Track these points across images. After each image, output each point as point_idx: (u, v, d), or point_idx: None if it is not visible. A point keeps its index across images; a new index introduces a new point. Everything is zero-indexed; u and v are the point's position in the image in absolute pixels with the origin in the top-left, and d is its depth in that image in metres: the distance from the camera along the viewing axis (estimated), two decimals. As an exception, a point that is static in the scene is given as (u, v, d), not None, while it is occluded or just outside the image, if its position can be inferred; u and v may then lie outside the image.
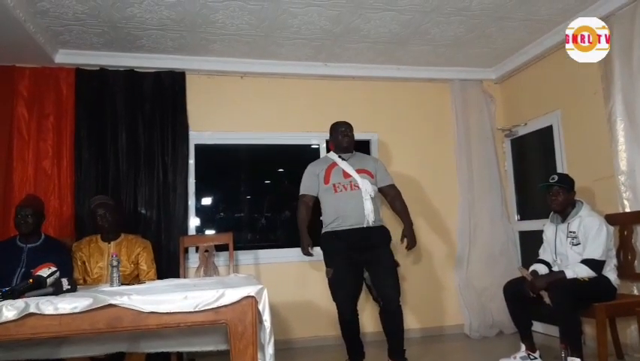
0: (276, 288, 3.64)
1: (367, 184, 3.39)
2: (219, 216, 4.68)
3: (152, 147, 4.00)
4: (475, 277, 4.45)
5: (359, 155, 3.68)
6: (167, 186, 3.99)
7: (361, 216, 3.31)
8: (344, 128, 3.59)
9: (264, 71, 4.32)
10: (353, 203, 3.34)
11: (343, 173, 3.44)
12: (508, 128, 4.70)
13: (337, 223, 3.36)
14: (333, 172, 3.47)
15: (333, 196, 3.40)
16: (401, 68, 4.54)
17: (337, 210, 3.36)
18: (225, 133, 4.31)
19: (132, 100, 4.02)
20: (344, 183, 3.40)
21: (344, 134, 3.57)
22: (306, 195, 3.55)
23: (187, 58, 4.12)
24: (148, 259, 3.40)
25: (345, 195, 3.36)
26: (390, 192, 3.62)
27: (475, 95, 4.72)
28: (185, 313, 2.16)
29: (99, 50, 3.91)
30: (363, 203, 3.33)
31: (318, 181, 3.51)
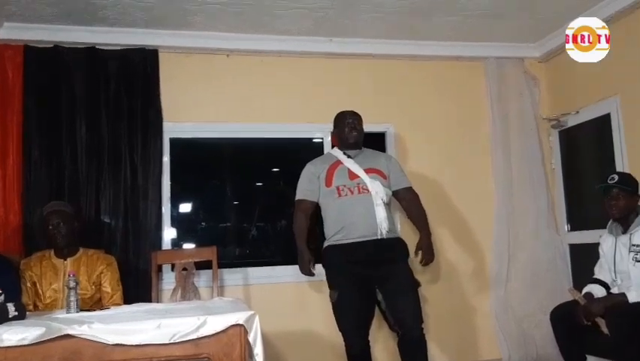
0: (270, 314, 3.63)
1: (379, 186, 3.38)
2: (200, 226, 4.68)
3: (118, 142, 4.01)
4: (515, 301, 4.44)
5: (368, 151, 3.67)
6: (137, 189, 4.00)
7: (372, 225, 3.31)
8: (351, 119, 3.58)
9: (256, 48, 4.33)
10: (361, 210, 3.32)
11: (349, 173, 3.43)
12: (555, 118, 4.69)
13: (342, 235, 3.35)
14: (337, 172, 3.46)
15: (337, 202, 3.39)
16: (423, 43, 4.53)
17: (342, 218, 3.36)
18: (208, 124, 4.32)
19: (94, 85, 4.02)
20: (350, 186, 3.39)
21: (351, 126, 3.55)
22: (303, 200, 3.54)
23: (161, 32, 4.13)
24: (113, 280, 3.39)
25: (352, 201, 3.36)
26: (407, 196, 3.62)
27: (514, 76, 4.71)
28: (159, 345, 2.15)
29: (53, 24, 3.92)
30: (374, 210, 3.32)
31: (318, 183, 3.51)
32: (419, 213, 3.60)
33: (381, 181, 3.41)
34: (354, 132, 3.54)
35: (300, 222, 3.51)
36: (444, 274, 4.46)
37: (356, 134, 3.55)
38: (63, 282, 3.15)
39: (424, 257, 3.49)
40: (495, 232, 4.53)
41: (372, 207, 3.31)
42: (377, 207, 3.31)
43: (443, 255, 4.42)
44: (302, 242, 3.49)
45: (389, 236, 3.33)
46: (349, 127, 3.54)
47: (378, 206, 3.32)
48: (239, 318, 2.24)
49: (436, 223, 4.22)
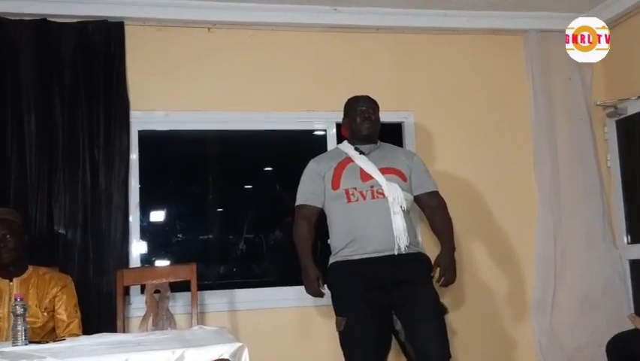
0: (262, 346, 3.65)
1: (397, 190, 3.36)
2: (176, 239, 4.69)
3: (75, 135, 4.01)
4: (563, 330, 4.44)
5: (386, 146, 3.68)
6: (98, 193, 4.00)
7: (388, 238, 3.30)
8: (364, 106, 3.57)
9: (243, 20, 4.35)
10: (376, 219, 3.32)
11: (361, 173, 3.42)
12: (612, 105, 4.68)
13: (352, 249, 3.35)
14: (347, 172, 3.45)
15: (346, 208, 3.39)
16: (449, 13, 4.55)
17: (352, 229, 3.35)
18: (184, 113, 4.33)
19: (45, 64, 4.03)
20: (362, 189, 3.37)
21: (364, 115, 3.54)
22: (305, 206, 3.55)
23: (127, 1, 4.14)
24: (69, 305, 3.38)
25: (364, 207, 3.35)
26: (431, 202, 3.62)
27: (561, 53, 4.67)
28: (126, 385, 2.16)
29: (-6, -10, 3.94)
30: (390, 219, 3.31)
31: (323, 185, 3.51)
32: (443, 224, 3.59)
33: (400, 184, 3.40)
34: (368, 123, 3.53)
35: (302, 231, 3.50)
36: (474, 298, 4.45)
37: (370, 125, 3.53)
38: (8, 308, 3.15)
39: (442, 275, 3.45)
40: (538, 246, 4.54)
41: (389, 216, 3.30)
42: (395, 216, 3.30)
43: (473, 274, 4.41)
44: (306, 256, 3.47)
45: (409, 251, 3.32)
46: (362, 116, 3.52)
47: (396, 215, 3.30)
48: (224, 351, 2.24)
49: (464, 236, 4.22)
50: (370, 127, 3.53)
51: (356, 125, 3.55)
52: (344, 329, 3.25)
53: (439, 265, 3.45)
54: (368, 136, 3.55)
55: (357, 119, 3.54)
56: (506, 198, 4.63)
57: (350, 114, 3.60)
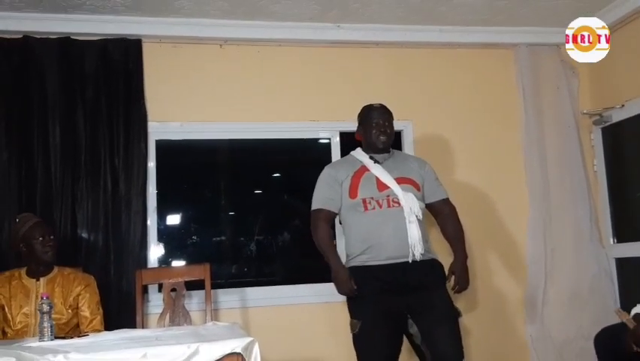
0: (272, 341, 3.66)
1: (413, 200, 3.31)
2: (191, 241, 4.69)
3: (97, 145, 4.03)
4: (554, 325, 4.43)
5: (399, 155, 3.65)
6: (119, 199, 4.01)
7: (403, 246, 3.25)
8: (380, 119, 3.49)
9: (253, 36, 4.36)
10: (392, 227, 3.27)
11: (377, 183, 3.36)
12: (597, 113, 4.68)
13: (369, 256, 3.29)
14: (363, 181, 3.39)
15: (363, 216, 3.33)
16: (445, 29, 4.55)
17: (369, 236, 3.30)
18: (199, 124, 4.33)
19: (69, 79, 4.05)
20: (378, 198, 3.32)
21: (380, 129, 3.46)
22: (323, 210, 3.49)
23: (145, 20, 4.16)
24: (92, 302, 3.40)
25: (380, 215, 3.30)
26: (443, 209, 3.59)
27: (549, 65, 4.71)
28: (145, 377, 2.17)
29: (22, 11, 3.95)
30: (406, 227, 3.26)
31: (340, 192, 3.45)
32: (456, 231, 3.56)
33: (414, 193, 3.35)
34: (384, 136, 3.45)
35: (323, 233, 3.44)
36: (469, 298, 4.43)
37: (385, 139, 3.47)
38: (35, 305, 3.17)
39: (457, 283, 3.42)
40: (529, 247, 4.53)
41: (404, 225, 3.25)
42: (410, 225, 3.24)
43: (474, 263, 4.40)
44: (334, 258, 3.41)
45: (423, 258, 3.27)
46: (378, 130, 3.44)
47: (412, 223, 3.24)
48: (236, 346, 2.24)
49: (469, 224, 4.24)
50: (386, 140, 3.46)
51: (372, 138, 3.47)
52: (358, 331, 3.21)
53: (454, 273, 3.42)
54: (383, 149, 3.49)
55: (373, 131, 3.45)
56: (497, 201, 4.62)
57: (366, 125, 3.51)
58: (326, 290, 4.32)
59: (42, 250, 3.34)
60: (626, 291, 4.44)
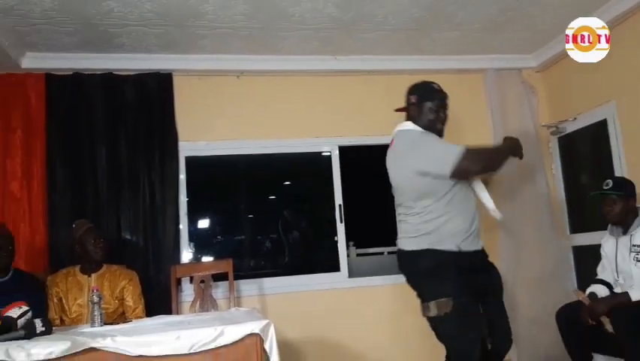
0: (286, 322, 3.65)
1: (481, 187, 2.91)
2: (217, 240, 4.70)
3: (136, 162, 4.04)
4: (522, 305, 4.40)
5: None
6: (155, 207, 4.02)
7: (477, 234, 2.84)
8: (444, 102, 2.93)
9: (264, 68, 4.36)
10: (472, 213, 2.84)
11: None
12: (553, 125, 4.67)
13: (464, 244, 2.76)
14: None
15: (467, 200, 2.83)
16: (425, 58, 4.54)
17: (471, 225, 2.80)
18: (221, 142, 4.34)
19: (112, 108, 4.07)
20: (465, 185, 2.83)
21: (441, 112, 2.91)
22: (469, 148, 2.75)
23: (174, 57, 4.17)
24: (135, 293, 3.42)
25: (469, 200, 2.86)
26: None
27: (513, 86, 4.71)
28: (179, 355, 2.18)
29: (72, 52, 3.97)
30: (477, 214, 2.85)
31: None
32: None
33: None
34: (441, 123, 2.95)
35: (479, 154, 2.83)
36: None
37: (442, 128, 2.96)
38: (88, 297, 3.18)
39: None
40: (500, 238, 4.51)
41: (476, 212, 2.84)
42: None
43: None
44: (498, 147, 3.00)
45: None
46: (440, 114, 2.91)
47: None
48: (254, 327, 2.26)
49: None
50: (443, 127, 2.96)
51: (430, 120, 2.89)
52: (452, 309, 2.60)
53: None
54: (439, 134, 2.94)
55: (432, 114, 2.89)
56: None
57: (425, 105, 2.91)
58: (331, 278, 4.36)
59: (94, 251, 3.37)
60: (582, 274, 4.43)
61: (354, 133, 4.53)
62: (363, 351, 4.17)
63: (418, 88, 2.96)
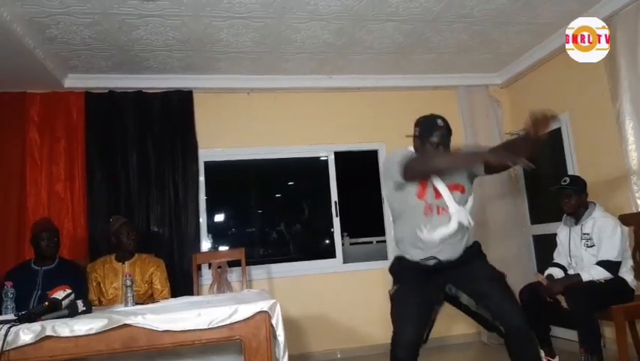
0: (290, 301, 3.66)
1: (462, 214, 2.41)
2: (231, 232, 4.70)
3: (162, 166, 4.04)
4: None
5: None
6: (179, 204, 4.02)
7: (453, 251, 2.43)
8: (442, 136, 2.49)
9: (270, 86, 4.36)
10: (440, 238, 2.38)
11: (435, 190, 2.42)
12: (516, 133, 4.65)
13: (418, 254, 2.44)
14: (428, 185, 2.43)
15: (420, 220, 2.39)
16: (406, 77, 4.55)
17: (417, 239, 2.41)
18: (234, 149, 4.33)
19: (141, 120, 4.06)
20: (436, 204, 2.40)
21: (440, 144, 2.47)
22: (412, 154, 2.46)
23: (194, 77, 4.16)
24: (162, 278, 3.41)
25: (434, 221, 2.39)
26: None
27: (481, 100, 4.71)
28: (199, 330, 2.17)
29: (107, 73, 3.97)
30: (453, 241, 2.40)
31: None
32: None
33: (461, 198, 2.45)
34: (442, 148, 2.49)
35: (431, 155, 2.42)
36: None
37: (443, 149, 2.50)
38: (122, 281, 3.18)
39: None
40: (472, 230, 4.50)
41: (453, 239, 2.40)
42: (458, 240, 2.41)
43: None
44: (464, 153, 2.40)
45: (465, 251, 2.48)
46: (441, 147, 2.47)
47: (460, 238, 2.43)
48: (263, 306, 2.25)
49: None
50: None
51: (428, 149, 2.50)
52: (394, 293, 2.40)
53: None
54: None
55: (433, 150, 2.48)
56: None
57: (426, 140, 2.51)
58: (328, 264, 4.36)
59: (127, 242, 3.36)
60: (541, 259, 4.42)
61: (347, 140, 4.52)
62: (355, 326, 4.16)
63: (422, 123, 2.60)
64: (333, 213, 4.42)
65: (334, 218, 4.41)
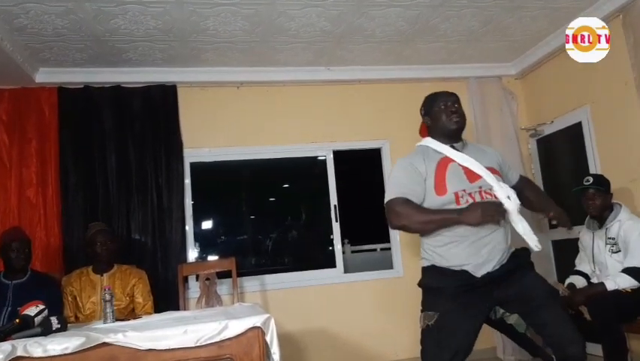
0: (286, 316, 3.66)
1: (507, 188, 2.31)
2: (220, 240, 4.68)
3: (144, 168, 4.03)
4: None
5: (472, 144, 2.59)
6: (162, 209, 4.01)
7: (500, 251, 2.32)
8: (448, 101, 2.46)
9: (262, 79, 4.35)
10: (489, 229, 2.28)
11: (467, 173, 2.32)
12: (532, 128, 4.68)
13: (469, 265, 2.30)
14: (450, 173, 2.33)
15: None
16: (411, 67, 4.55)
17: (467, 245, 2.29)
18: (223, 149, 4.33)
19: (120, 118, 4.06)
20: (471, 191, 2.28)
21: (450, 110, 2.43)
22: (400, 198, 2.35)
23: (178, 70, 4.16)
24: (144, 291, 3.40)
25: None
26: (522, 184, 2.64)
27: (494, 92, 4.72)
28: (186, 348, 2.17)
29: (82, 67, 3.97)
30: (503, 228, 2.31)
31: (424, 187, 2.35)
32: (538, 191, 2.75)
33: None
34: (456, 116, 2.43)
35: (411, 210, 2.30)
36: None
37: (459, 119, 2.44)
38: (100, 295, 3.17)
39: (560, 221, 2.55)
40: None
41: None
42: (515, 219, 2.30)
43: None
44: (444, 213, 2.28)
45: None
46: (448, 111, 2.43)
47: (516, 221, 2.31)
48: (256, 321, 2.25)
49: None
50: (460, 121, 2.44)
51: (442, 122, 2.45)
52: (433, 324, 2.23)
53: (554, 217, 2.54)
54: (458, 130, 2.46)
55: (442, 115, 2.45)
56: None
57: (433, 112, 2.50)
58: (328, 274, 4.35)
59: (101, 252, 3.36)
60: (562, 266, 4.42)
61: (347, 138, 4.52)
62: (356, 341, 4.15)
63: (424, 102, 2.62)
64: (333, 219, 4.41)
65: (334, 223, 4.41)
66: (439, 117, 2.46)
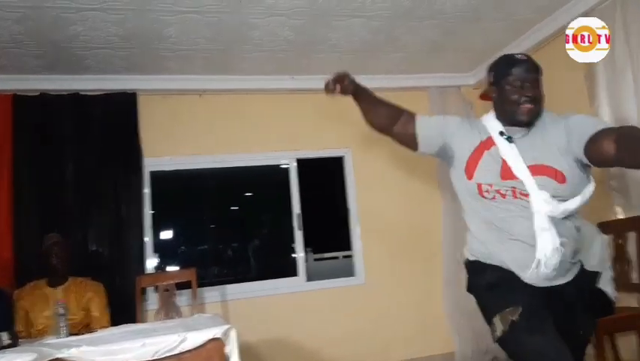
0: (248, 326, 3.62)
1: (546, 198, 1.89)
2: (181, 250, 4.64)
3: (102, 178, 3.96)
4: (465, 299, 4.41)
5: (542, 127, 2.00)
6: (121, 220, 3.94)
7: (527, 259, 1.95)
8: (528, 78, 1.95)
9: (225, 87, 4.34)
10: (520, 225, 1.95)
11: (503, 167, 1.97)
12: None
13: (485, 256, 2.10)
14: (485, 159, 2.01)
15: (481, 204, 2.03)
16: (375, 77, 4.56)
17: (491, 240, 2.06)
18: (184, 157, 4.29)
19: (79, 126, 3.98)
20: (500, 187, 1.96)
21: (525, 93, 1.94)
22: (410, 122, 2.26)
23: (138, 77, 4.10)
24: (100, 305, 3.34)
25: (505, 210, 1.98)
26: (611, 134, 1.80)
27: (454, 102, 4.81)
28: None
29: (40, 74, 3.88)
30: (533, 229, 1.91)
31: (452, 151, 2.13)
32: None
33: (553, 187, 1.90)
34: (528, 106, 1.93)
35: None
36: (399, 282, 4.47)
37: (532, 109, 1.94)
38: (54, 309, 3.07)
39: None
40: (443, 237, 4.57)
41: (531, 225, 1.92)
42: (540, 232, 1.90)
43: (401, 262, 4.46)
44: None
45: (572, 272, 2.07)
46: (521, 95, 1.94)
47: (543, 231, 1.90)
48: (216, 332, 2.24)
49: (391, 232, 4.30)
50: (533, 109, 1.94)
51: (510, 107, 1.97)
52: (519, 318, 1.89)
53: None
54: (527, 123, 1.98)
55: (511, 97, 1.95)
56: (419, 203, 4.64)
57: (501, 85, 1.99)
58: (290, 283, 4.34)
59: (56, 264, 3.28)
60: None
61: (310, 146, 4.54)
62: (319, 348, 4.15)
63: (496, 64, 2.07)
64: (295, 227, 4.41)
65: (296, 232, 4.41)
66: (506, 98, 1.97)
